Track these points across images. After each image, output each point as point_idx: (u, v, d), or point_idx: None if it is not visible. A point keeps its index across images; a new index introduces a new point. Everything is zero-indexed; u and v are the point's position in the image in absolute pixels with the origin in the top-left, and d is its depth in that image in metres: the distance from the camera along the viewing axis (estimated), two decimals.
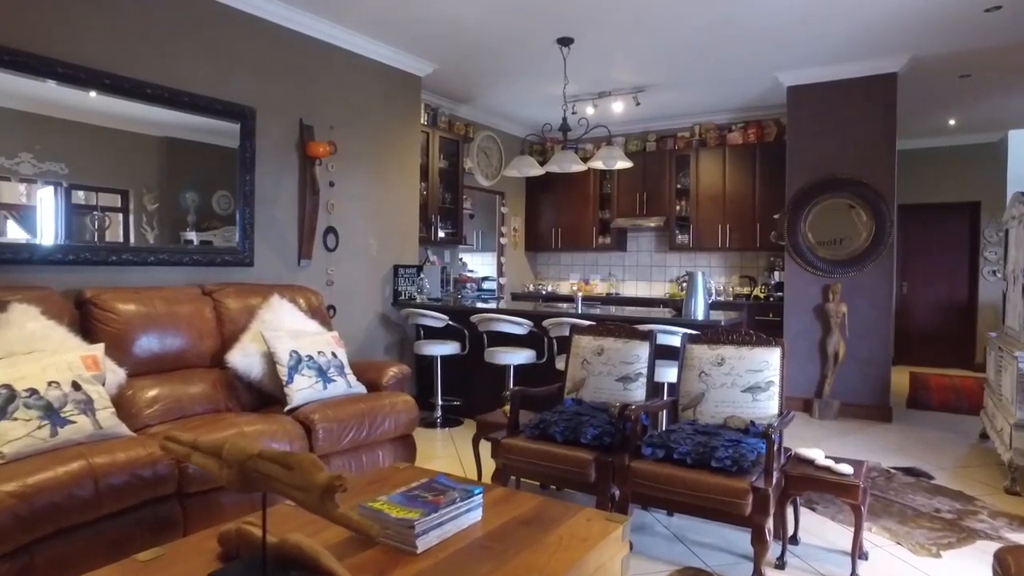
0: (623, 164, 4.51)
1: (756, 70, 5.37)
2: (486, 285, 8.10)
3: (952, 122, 6.91)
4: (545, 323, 4.19)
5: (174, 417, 2.99)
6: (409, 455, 3.49)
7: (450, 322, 4.75)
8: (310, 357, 3.35)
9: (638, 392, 3.12)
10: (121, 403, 2.75)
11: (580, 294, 4.72)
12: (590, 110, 6.24)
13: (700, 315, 3.96)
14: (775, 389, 2.82)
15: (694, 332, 3.07)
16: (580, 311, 4.52)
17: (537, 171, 4.86)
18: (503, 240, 7.66)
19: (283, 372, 3.25)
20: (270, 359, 3.30)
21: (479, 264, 8.65)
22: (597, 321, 3.65)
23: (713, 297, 4.03)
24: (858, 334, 5.16)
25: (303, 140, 4.35)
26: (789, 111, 5.48)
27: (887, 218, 5.06)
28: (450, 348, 4.80)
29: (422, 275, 5.32)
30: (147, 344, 3.07)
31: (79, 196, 3.39)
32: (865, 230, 5.14)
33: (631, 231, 7.48)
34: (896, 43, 4.66)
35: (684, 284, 5.10)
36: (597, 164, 4.52)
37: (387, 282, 5.16)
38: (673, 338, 3.57)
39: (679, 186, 6.89)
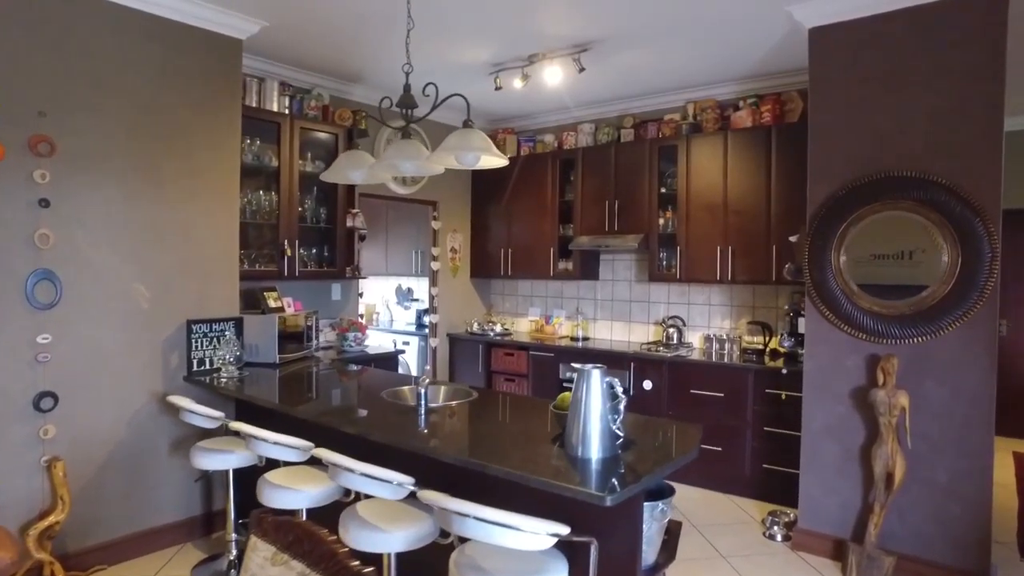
0: (492, 162, 2.60)
1: (760, 5, 3.33)
2: (428, 320, 6.32)
3: None
4: (315, 454, 2.32)
5: None
6: None
7: (229, 421, 2.95)
8: None
9: None
10: None
11: (424, 384, 2.71)
12: (518, 83, 4.31)
13: (591, 472, 1.98)
14: None
15: None
16: (422, 416, 2.61)
17: (386, 178, 3.02)
18: (435, 265, 5.81)
19: None
20: None
21: (426, 293, 6.86)
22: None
23: (620, 416, 2.05)
24: (929, 443, 3.03)
25: None
26: (812, 68, 3.39)
27: (985, 244, 2.91)
28: (236, 459, 3.01)
29: (227, 334, 3.55)
30: None
31: None
32: (943, 264, 3.00)
33: (604, 253, 5.48)
34: None
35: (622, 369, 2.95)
36: (447, 162, 2.62)
37: (175, 347, 3.42)
38: None
39: (663, 190, 4.85)
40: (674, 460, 2.03)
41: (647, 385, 4.56)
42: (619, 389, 2.06)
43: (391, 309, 7.26)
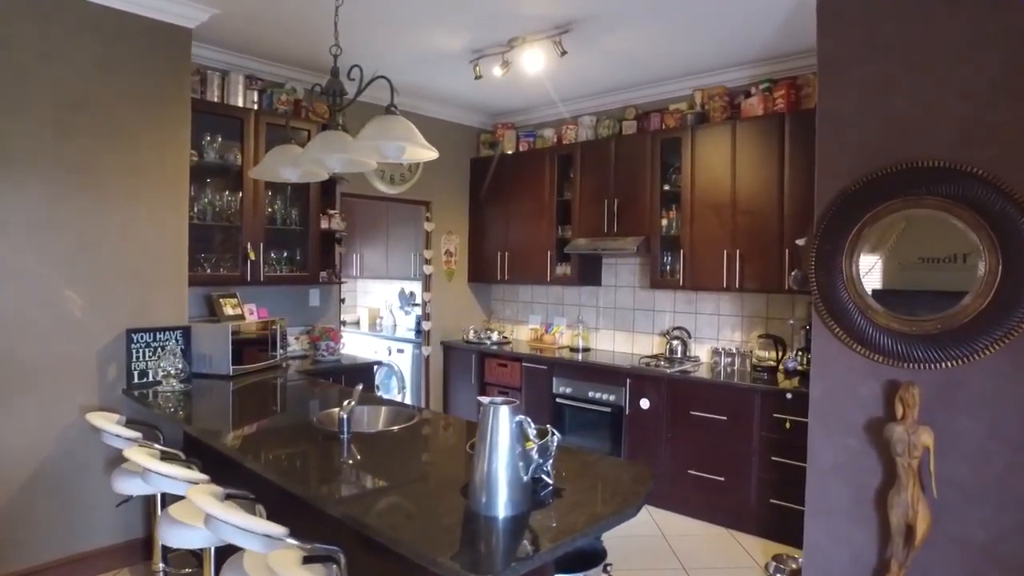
0: (419, 154, 2.23)
1: None
2: (422, 326, 6.00)
3: None
4: (187, 494, 2.00)
5: None
6: None
7: (130, 446, 2.68)
8: None
9: None
10: None
11: (347, 409, 2.33)
12: (498, 71, 3.93)
13: (489, 537, 1.58)
14: None
15: None
16: None
17: (321, 174, 2.70)
18: (427, 269, 5.48)
19: None
20: None
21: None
22: None
23: (538, 463, 1.67)
24: (961, 492, 2.49)
25: None
26: (821, 43, 2.89)
27: None
28: (155, 484, 2.73)
29: (170, 344, 3.30)
30: None
31: None
32: (978, 271, 2.47)
33: (606, 257, 5.04)
34: None
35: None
36: (370, 155, 2.28)
37: (113, 357, 3.19)
38: None
39: (667, 187, 4.38)
40: (600, 523, 1.61)
41: (644, 404, 4.10)
42: (532, 431, 1.67)
43: (394, 314, 6.99)
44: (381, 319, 7.06)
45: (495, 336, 5.42)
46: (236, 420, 2.88)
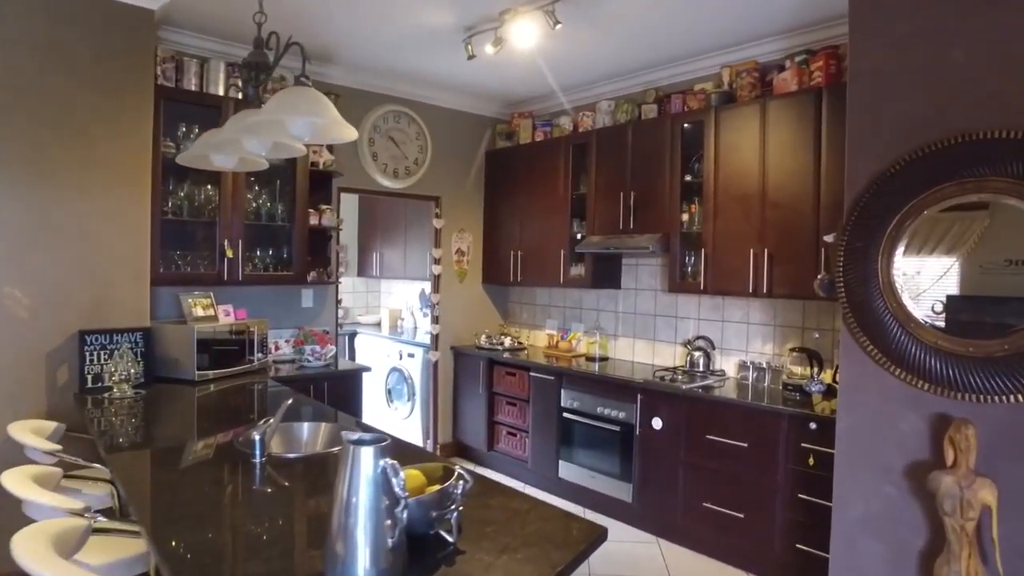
0: (332, 133, 1.87)
1: None
2: (430, 329, 5.66)
3: None
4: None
5: None
6: None
7: (68, 458, 2.45)
8: None
9: None
10: None
11: (262, 430, 1.97)
12: (490, 49, 3.53)
13: None
14: None
15: None
16: None
17: (260, 161, 2.40)
18: (436, 269, 5.15)
19: None
20: None
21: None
22: None
23: (445, 512, 1.29)
24: None
25: None
26: None
27: None
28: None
29: (124, 347, 3.08)
30: None
31: None
32: None
33: (626, 258, 4.54)
34: None
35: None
36: (272, 135, 1.94)
37: (64, 360, 3.01)
38: None
39: (688, 178, 3.86)
40: None
41: (656, 424, 3.60)
42: (398, 482, 1.26)
43: (415, 315, 6.70)
44: (402, 321, 6.80)
45: (508, 342, 5.03)
46: (163, 433, 2.61)
